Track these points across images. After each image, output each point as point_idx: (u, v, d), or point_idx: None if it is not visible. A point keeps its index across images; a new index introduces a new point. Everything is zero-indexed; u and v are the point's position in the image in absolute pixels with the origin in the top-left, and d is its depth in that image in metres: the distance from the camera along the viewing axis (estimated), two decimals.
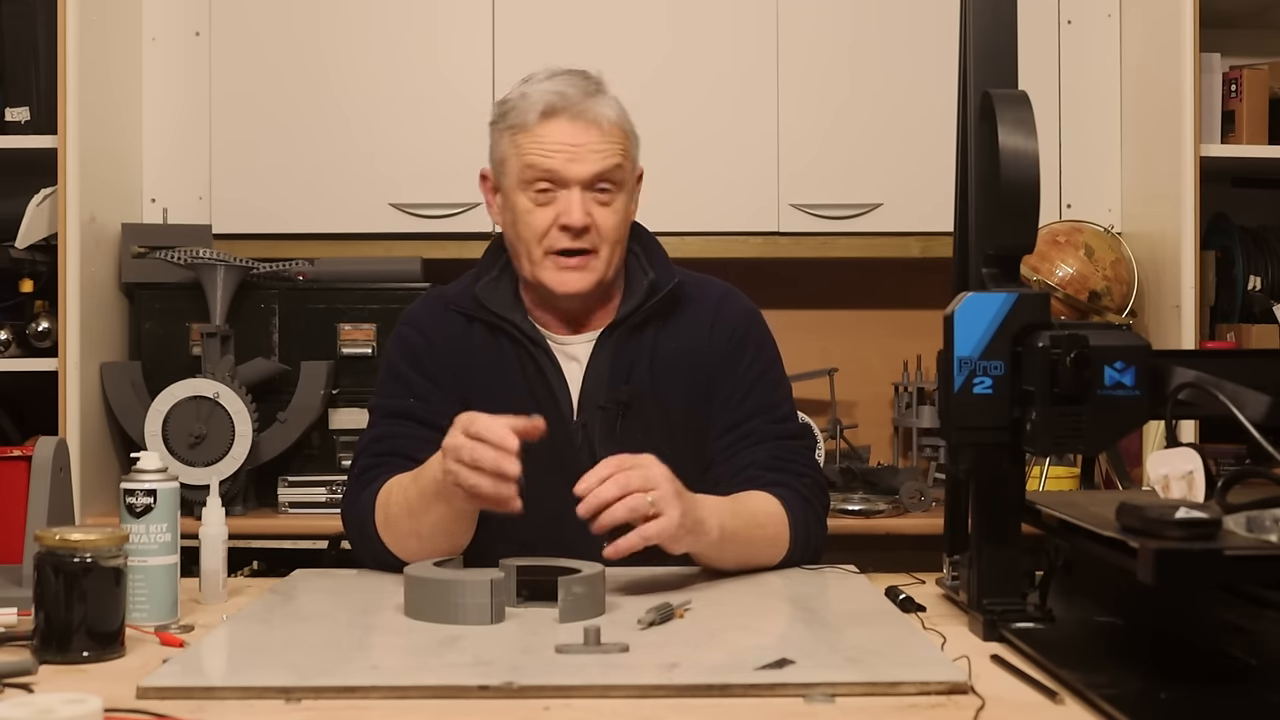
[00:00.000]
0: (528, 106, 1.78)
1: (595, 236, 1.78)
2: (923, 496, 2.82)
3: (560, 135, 1.76)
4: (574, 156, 1.76)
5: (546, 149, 1.76)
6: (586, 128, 1.77)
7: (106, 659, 1.31)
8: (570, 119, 1.77)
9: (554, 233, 1.77)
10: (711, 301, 1.88)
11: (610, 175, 1.78)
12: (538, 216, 1.78)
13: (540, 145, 1.77)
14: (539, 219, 1.78)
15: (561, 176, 1.76)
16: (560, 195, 1.77)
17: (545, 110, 1.77)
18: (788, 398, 1.88)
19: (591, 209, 1.77)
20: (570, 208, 1.76)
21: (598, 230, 1.78)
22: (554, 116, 1.77)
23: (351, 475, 1.81)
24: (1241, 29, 3.10)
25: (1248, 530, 1.17)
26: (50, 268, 2.78)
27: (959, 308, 1.38)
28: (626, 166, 1.81)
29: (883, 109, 3.06)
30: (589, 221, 1.77)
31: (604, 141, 1.77)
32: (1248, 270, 2.97)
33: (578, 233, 1.77)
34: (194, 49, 3.10)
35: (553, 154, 1.76)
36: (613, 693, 1.17)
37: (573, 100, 1.78)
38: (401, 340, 1.87)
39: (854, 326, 3.32)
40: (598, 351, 1.82)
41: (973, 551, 1.45)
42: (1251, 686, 1.18)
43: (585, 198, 1.77)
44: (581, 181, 1.77)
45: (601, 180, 1.77)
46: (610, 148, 1.78)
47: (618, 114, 1.81)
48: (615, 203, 1.79)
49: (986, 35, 1.47)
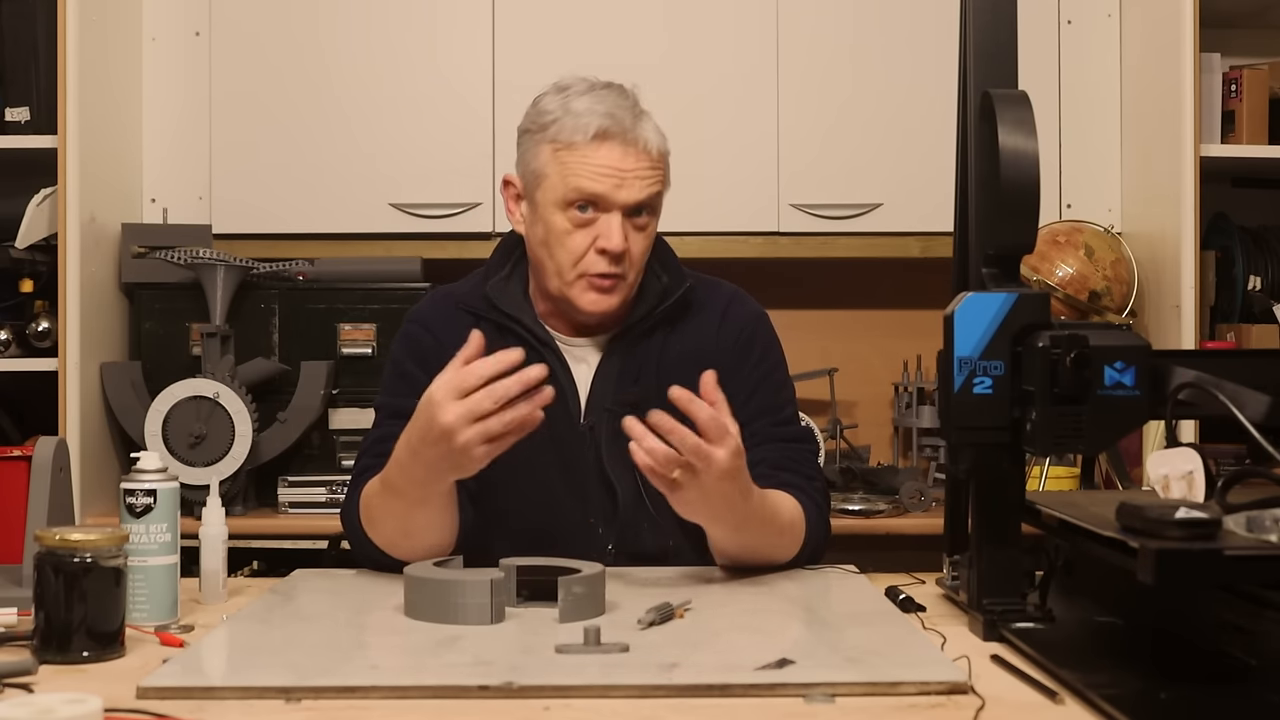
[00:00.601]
0: (576, 125, 1.74)
1: (627, 262, 1.77)
2: (923, 496, 2.82)
3: (610, 160, 1.74)
4: (621, 183, 1.74)
5: (595, 172, 1.73)
6: (637, 155, 1.75)
7: (106, 659, 1.31)
8: (623, 144, 1.74)
9: (591, 256, 1.75)
10: (720, 303, 1.87)
11: (651, 202, 1.77)
12: (576, 239, 1.75)
13: (589, 168, 1.73)
14: (577, 241, 1.75)
15: (607, 202, 1.74)
16: (600, 219, 1.75)
17: (599, 132, 1.74)
18: (791, 401, 1.87)
19: (628, 234, 1.76)
20: (611, 233, 1.73)
21: (630, 256, 1.77)
22: (606, 140, 1.74)
23: (352, 475, 1.80)
24: (1241, 29, 3.10)
25: (1248, 530, 1.17)
26: (50, 268, 2.78)
27: (959, 308, 1.38)
28: (662, 193, 1.80)
29: (883, 109, 3.06)
30: (626, 247, 1.75)
31: (650, 169, 1.76)
32: (1248, 270, 2.97)
33: (616, 258, 1.75)
34: (194, 49, 3.10)
35: (601, 178, 1.73)
36: (613, 693, 1.17)
37: (625, 125, 1.75)
38: (408, 338, 1.86)
39: (854, 326, 3.32)
40: (608, 354, 1.82)
41: (973, 551, 1.45)
42: (1251, 686, 1.18)
43: (625, 223, 1.75)
44: (625, 207, 1.75)
45: (642, 206, 1.76)
46: (654, 175, 1.77)
47: (661, 140, 1.79)
48: (649, 228, 1.79)
49: (986, 35, 1.47)
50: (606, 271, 1.75)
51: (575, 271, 1.76)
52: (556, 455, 1.76)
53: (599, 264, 1.75)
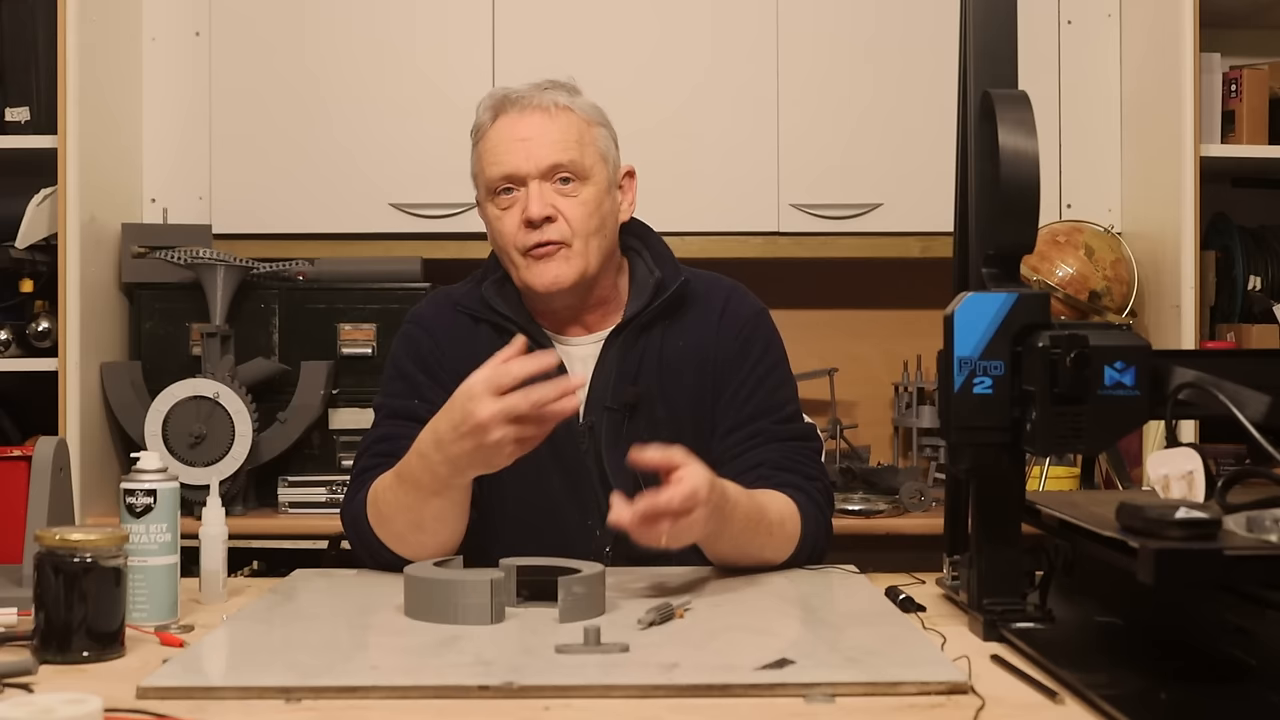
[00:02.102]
0: (484, 109, 1.80)
1: (564, 228, 1.76)
2: (923, 496, 2.82)
3: (509, 130, 1.76)
4: (524, 149, 1.75)
5: (499, 149, 1.76)
6: (535, 118, 1.77)
7: (106, 659, 1.31)
8: (518, 112, 1.77)
9: (520, 232, 1.76)
10: (719, 300, 1.87)
11: (568, 167, 1.76)
12: (506, 221, 1.77)
13: (494, 147, 1.77)
14: (507, 223, 1.77)
15: (518, 174, 1.76)
16: (521, 194, 1.76)
17: (494, 108, 1.79)
18: (793, 398, 1.87)
19: (554, 200, 1.76)
20: (529, 201, 1.75)
21: (566, 221, 1.76)
22: (503, 113, 1.78)
23: (352, 475, 1.80)
24: (1241, 29, 3.11)
25: (1248, 530, 1.17)
26: (50, 268, 2.78)
27: (959, 308, 1.38)
28: (588, 157, 1.78)
29: (883, 109, 3.06)
30: (551, 212, 1.75)
31: (556, 130, 1.76)
32: (1248, 270, 2.97)
33: (539, 224, 1.75)
34: (194, 49, 3.10)
35: (505, 154, 1.76)
36: (613, 693, 1.17)
37: (521, 94, 1.78)
38: (408, 340, 1.86)
39: (854, 326, 3.32)
40: (605, 352, 1.82)
41: (973, 551, 1.45)
42: (1251, 686, 1.18)
43: (545, 189, 1.76)
44: (538, 174, 1.75)
45: (560, 171, 1.76)
46: (564, 137, 1.76)
47: (572, 102, 1.79)
48: (582, 194, 1.77)
49: (986, 35, 1.47)
50: (538, 240, 1.75)
51: (516, 252, 1.78)
52: (555, 455, 1.76)
53: (528, 236, 1.76)
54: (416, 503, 1.64)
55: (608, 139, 1.83)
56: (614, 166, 1.84)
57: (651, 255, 1.87)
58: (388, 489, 1.68)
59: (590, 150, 1.79)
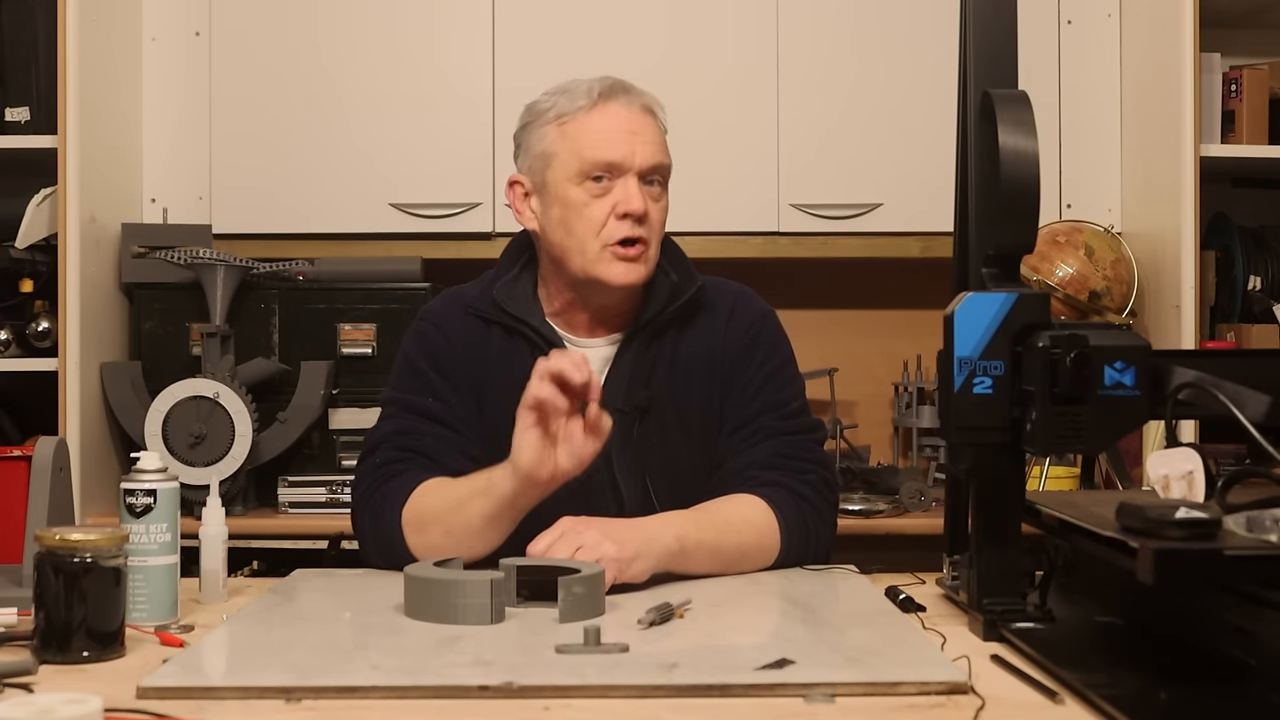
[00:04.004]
0: (576, 94, 1.76)
1: (649, 228, 1.76)
2: (923, 496, 2.82)
3: (617, 120, 1.74)
4: (633, 143, 1.74)
5: (604, 136, 1.73)
6: (643, 114, 1.76)
7: (106, 659, 1.31)
8: (627, 104, 1.76)
9: (612, 223, 1.74)
10: (727, 303, 1.87)
11: (663, 170, 1.77)
12: (595, 209, 1.74)
13: (597, 133, 1.73)
14: (597, 211, 1.74)
15: (620, 165, 1.73)
16: (616, 185, 1.74)
17: (601, 93, 1.75)
18: (799, 395, 1.86)
19: (646, 200, 1.75)
20: (630, 195, 1.73)
21: (650, 223, 1.76)
22: (610, 100, 1.75)
23: (369, 465, 1.78)
24: (1241, 29, 3.10)
25: (1248, 530, 1.17)
26: (50, 268, 2.78)
27: (959, 308, 1.38)
28: (670, 167, 1.80)
29: (883, 109, 3.06)
30: (647, 210, 1.75)
31: (656, 132, 1.77)
32: (1248, 270, 2.97)
33: (639, 219, 1.74)
34: (194, 49, 3.10)
35: (612, 142, 1.73)
36: (613, 693, 1.17)
37: (624, 85, 1.77)
38: (421, 336, 1.85)
39: (854, 326, 3.32)
40: (620, 356, 1.81)
41: (973, 551, 1.45)
42: (1251, 686, 1.18)
43: (641, 188, 1.75)
44: (641, 170, 1.74)
45: (655, 173, 1.76)
46: (661, 140, 1.78)
47: (661, 112, 1.80)
48: (663, 200, 1.79)
49: (986, 35, 1.47)
50: (630, 236, 1.73)
51: (599, 242, 1.74)
52: None
53: (621, 229, 1.73)
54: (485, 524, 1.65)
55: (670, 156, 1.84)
56: None
57: (667, 259, 1.87)
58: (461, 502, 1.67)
59: (670, 161, 1.80)
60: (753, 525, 1.70)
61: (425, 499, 1.70)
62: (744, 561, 1.70)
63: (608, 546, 1.54)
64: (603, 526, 1.58)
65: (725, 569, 1.68)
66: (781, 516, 1.72)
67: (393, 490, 1.72)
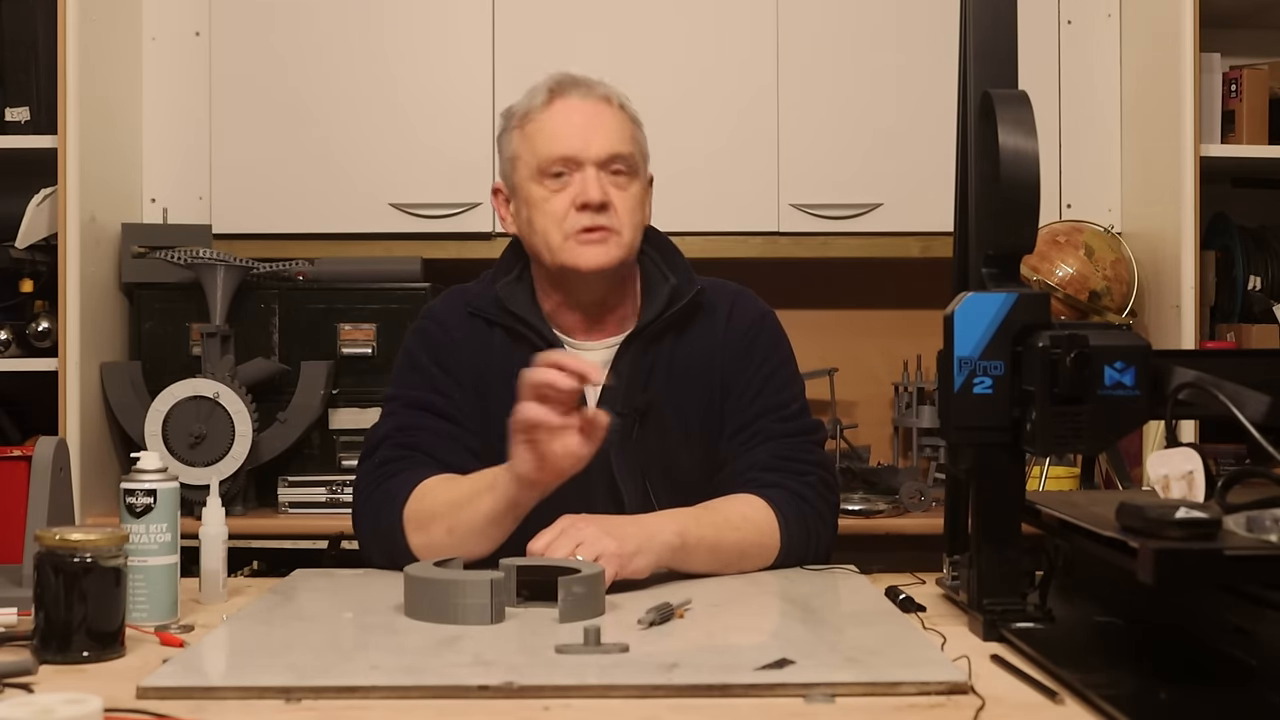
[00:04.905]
0: (535, 92, 1.79)
1: (614, 216, 1.76)
2: (923, 496, 2.82)
3: (571, 113, 1.76)
4: (586, 135, 1.75)
5: (559, 130, 1.75)
6: (597, 104, 1.77)
7: (106, 659, 1.31)
8: (580, 96, 1.77)
9: (572, 214, 1.75)
10: (725, 304, 1.87)
11: (625, 158, 1.77)
12: (555, 203, 1.76)
13: (550, 129, 1.76)
14: (556, 205, 1.76)
15: (576, 158, 1.75)
16: (575, 178, 1.75)
17: (554, 89, 1.78)
18: (798, 397, 1.86)
19: (607, 189, 1.76)
20: (587, 186, 1.74)
21: (615, 211, 1.76)
22: (563, 95, 1.77)
23: (370, 464, 1.78)
24: (1241, 29, 3.10)
25: (1248, 530, 1.17)
26: (50, 268, 2.78)
27: (959, 308, 1.38)
28: (637, 155, 1.80)
29: (883, 109, 3.06)
30: (607, 199, 1.75)
31: (615, 121, 1.78)
32: (1248, 270, 2.97)
33: (598, 208, 1.74)
34: (194, 49, 3.10)
35: (566, 135, 1.75)
36: (613, 693, 1.17)
37: (579, 80, 1.79)
38: (424, 334, 1.86)
39: (854, 326, 3.32)
40: (619, 359, 1.81)
41: (973, 551, 1.45)
42: (1251, 686, 1.18)
43: (601, 177, 1.75)
44: (597, 160, 1.75)
45: (616, 161, 1.76)
46: (621, 129, 1.78)
47: (628, 104, 1.81)
48: (631, 188, 1.78)
49: (986, 35, 1.47)
50: (590, 224, 1.75)
51: (560, 233, 1.76)
52: None
53: (581, 219, 1.75)
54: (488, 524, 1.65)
55: (645, 144, 1.84)
56: (647, 172, 1.85)
57: (665, 262, 1.87)
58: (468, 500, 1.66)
59: (638, 149, 1.81)
60: (753, 524, 1.71)
61: (427, 498, 1.70)
62: (744, 560, 1.70)
63: (607, 542, 1.54)
64: (602, 523, 1.58)
65: (725, 567, 1.68)
66: (782, 516, 1.72)
67: (393, 489, 1.72)
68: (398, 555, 1.67)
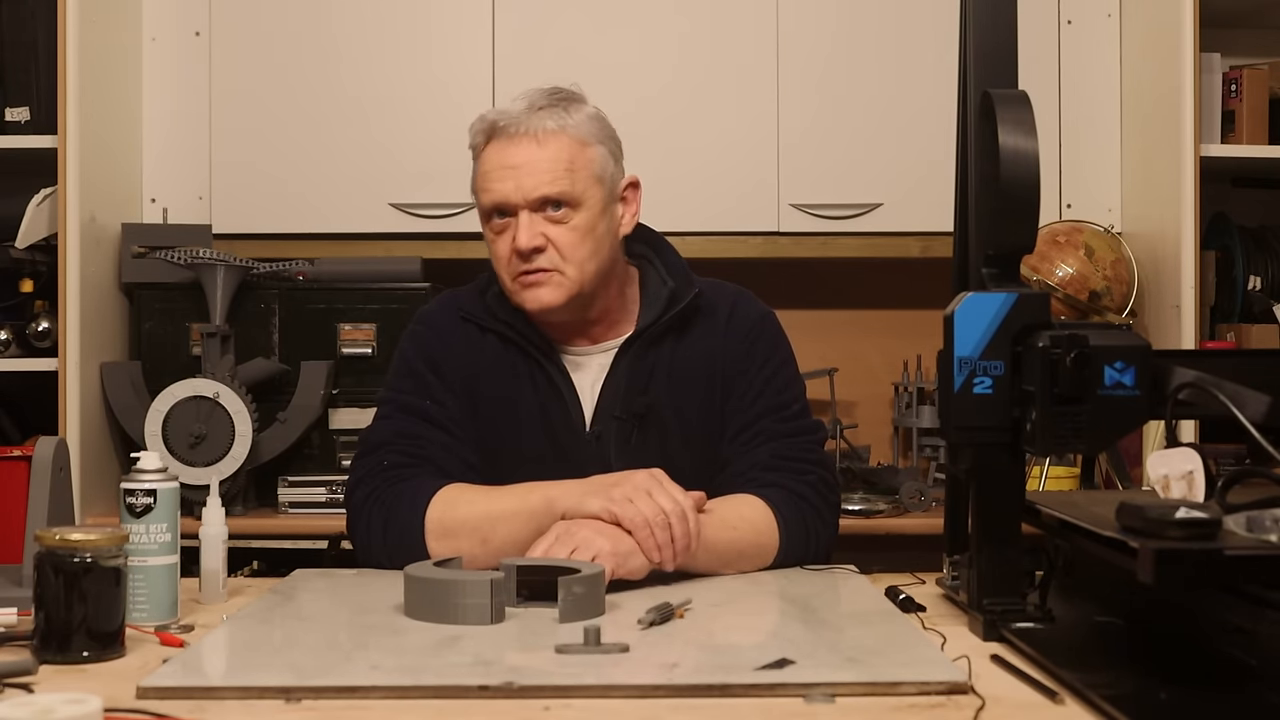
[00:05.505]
0: (475, 132, 1.80)
1: (553, 257, 1.75)
2: (923, 496, 2.82)
3: (499, 158, 1.76)
4: (517, 179, 1.74)
5: (490, 177, 1.76)
6: (524, 146, 1.74)
7: (106, 659, 1.31)
8: (507, 139, 1.76)
9: (513, 258, 1.76)
10: (725, 306, 1.87)
11: (557, 197, 1.74)
12: (499, 246, 1.78)
13: (484, 173, 1.77)
14: (500, 248, 1.78)
15: (507, 204, 1.75)
16: (512, 221, 1.76)
17: (485, 132, 1.78)
18: (799, 397, 1.86)
19: (545, 229, 1.74)
20: (517, 232, 1.74)
21: (556, 250, 1.75)
22: (495, 137, 1.77)
23: (371, 464, 1.77)
24: (1241, 29, 3.10)
25: (1248, 530, 1.17)
26: (50, 268, 2.78)
27: (959, 308, 1.38)
28: (580, 183, 1.75)
29: (883, 109, 3.06)
30: (540, 242, 1.74)
31: (546, 159, 1.74)
32: (1248, 270, 2.97)
33: (528, 255, 1.74)
34: (194, 49, 3.09)
35: (495, 182, 1.75)
36: (613, 693, 1.17)
37: (513, 118, 1.76)
38: (418, 339, 1.86)
39: (854, 326, 3.32)
40: (617, 363, 1.81)
41: (973, 551, 1.45)
42: (1251, 686, 1.18)
43: (535, 220, 1.74)
44: (528, 204, 1.74)
45: (547, 203, 1.74)
46: (554, 166, 1.74)
47: (565, 123, 1.76)
48: (573, 220, 1.75)
49: (986, 35, 1.47)
50: (525, 269, 1.75)
51: (508, 275, 1.78)
52: (562, 464, 1.75)
53: (517, 264, 1.76)
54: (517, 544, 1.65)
55: (605, 157, 1.79)
56: (611, 184, 1.80)
57: (664, 265, 1.87)
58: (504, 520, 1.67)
59: (582, 175, 1.76)
60: (751, 523, 1.71)
61: (455, 508, 1.69)
62: (742, 560, 1.70)
63: (601, 543, 1.55)
64: (596, 524, 1.58)
65: (724, 566, 1.68)
66: (781, 516, 1.72)
67: (409, 493, 1.71)
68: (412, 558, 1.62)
